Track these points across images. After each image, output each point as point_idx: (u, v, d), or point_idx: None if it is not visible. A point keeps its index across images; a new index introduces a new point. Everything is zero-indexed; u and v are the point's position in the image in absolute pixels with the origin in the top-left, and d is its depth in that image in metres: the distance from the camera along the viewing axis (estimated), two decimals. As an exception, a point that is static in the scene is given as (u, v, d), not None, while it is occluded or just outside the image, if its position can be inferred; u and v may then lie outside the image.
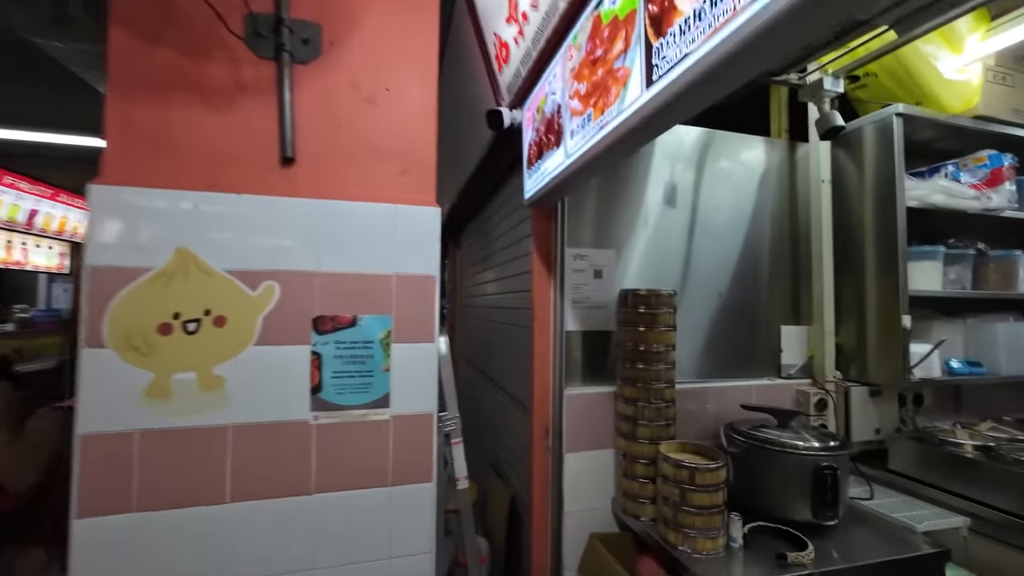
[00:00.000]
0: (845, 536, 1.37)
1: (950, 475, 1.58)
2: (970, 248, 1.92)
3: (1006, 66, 1.84)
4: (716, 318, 1.81)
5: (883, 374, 1.76)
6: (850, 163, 1.88)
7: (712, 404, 1.75)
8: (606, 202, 1.72)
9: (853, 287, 1.86)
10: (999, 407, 2.14)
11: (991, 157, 1.82)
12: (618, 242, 1.72)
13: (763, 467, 1.45)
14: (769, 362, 1.88)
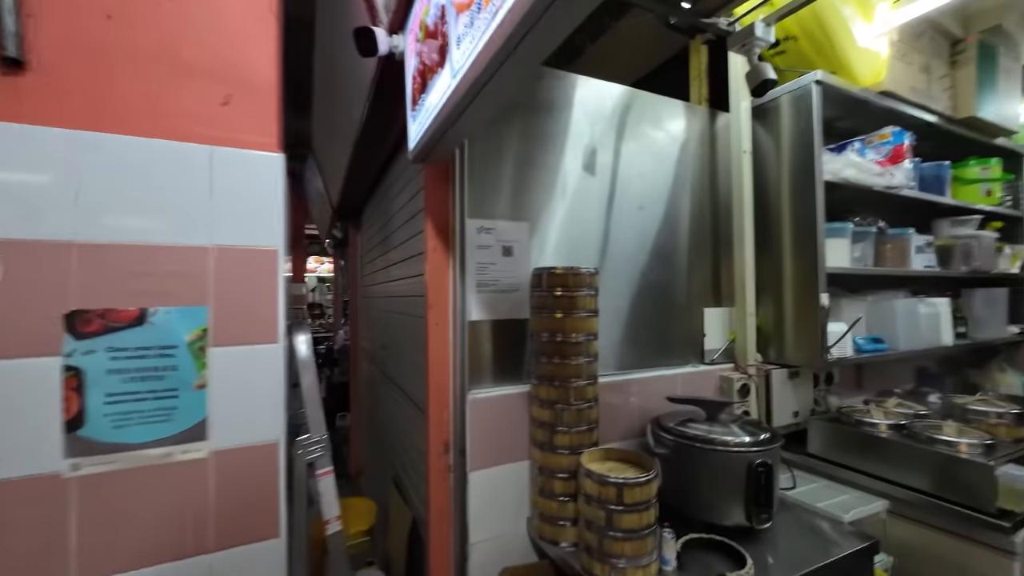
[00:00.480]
0: (779, 538, 1.24)
1: (867, 456, 1.54)
2: (872, 226, 1.92)
3: (907, 43, 1.85)
4: (638, 300, 1.62)
5: (802, 355, 1.69)
6: (768, 137, 1.78)
7: (637, 397, 1.56)
8: (518, 165, 1.43)
9: (771, 265, 1.77)
10: (894, 381, 2.23)
11: (895, 134, 1.82)
12: (532, 213, 1.45)
13: (694, 468, 1.27)
14: (693, 347, 1.73)
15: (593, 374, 1.25)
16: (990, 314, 2.30)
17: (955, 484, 1.34)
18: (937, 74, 1.98)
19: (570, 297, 1.21)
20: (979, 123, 2.08)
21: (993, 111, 2.10)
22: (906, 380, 2.33)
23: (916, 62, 1.89)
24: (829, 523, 1.31)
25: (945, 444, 1.39)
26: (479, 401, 1.30)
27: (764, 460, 1.21)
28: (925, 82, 1.92)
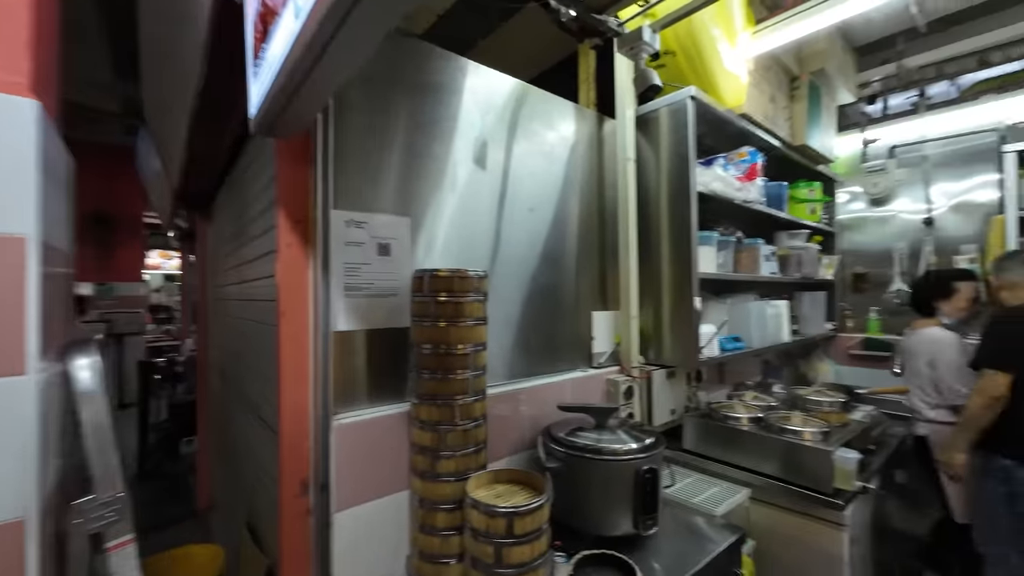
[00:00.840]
0: (663, 543, 1.25)
1: (733, 448, 1.66)
2: (732, 236, 2.12)
3: (759, 74, 2.07)
4: (529, 305, 1.55)
5: (678, 355, 1.78)
6: (648, 147, 1.85)
7: (527, 407, 1.48)
8: (400, 151, 1.24)
9: (651, 270, 1.84)
10: (745, 375, 2.51)
11: (751, 153, 2.03)
12: (417, 208, 1.28)
13: (586, 480, 1.22)
14: (582, 352, 1.72)
15: (481, 389, 1.13)
16: (814, 314, 2.71)
17: (801, 469, 1.50)
18: (780, 104, 2.26)
19: (456, 303, 1.07)
20: (809, 151, 2.44)
21: (818, 142, 2.47)
22: (755, 373, 2.64)
23: (766, 92, 2.13)
24: (704, 519, 1.37)
25: (793, 433, 1.55)
26: (348, 427, 1.09)
27: (651, 466, 1.21)
28: (772, 110, 2.18)
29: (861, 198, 2.98)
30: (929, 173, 2.66)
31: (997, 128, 2.43)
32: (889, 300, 2.77)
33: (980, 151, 2.53)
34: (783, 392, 2.13)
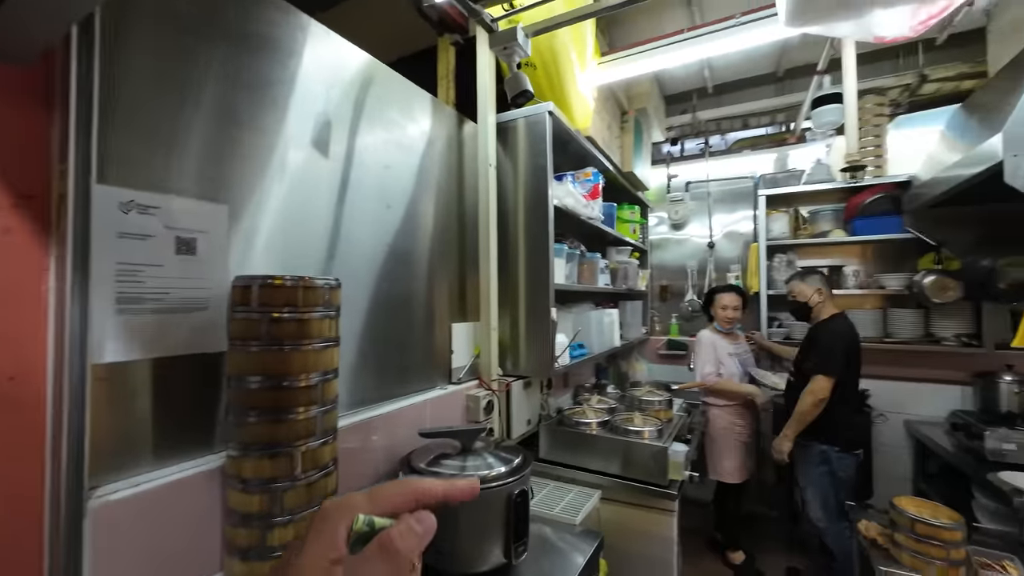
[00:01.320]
0: (530, 566, 1.20)
1: (583, 453, 1.74)
2: (577, 249, 2.26)
3: (600, 102, 2.26)
4: (381, 317, 1.35)
5: (533, 365, 1.79)
6: (506, 156, 1.83)
7: (381, 437, 1.27)
8: (214, 115, 0.93)
9: (508, 280, 1.82)
10: (583, 377, 2.70)
11: (594, 174, 2.19)
12: (235, 192, 0.97)
13: (452, 515, 1.09)
14: (441, 367, 1.58)
15: (332, 427, 0.90)
16: (634, 320, 3.10)
17: (642, 465, 1.64)
18: (614, 133, 2.52)
19: (299, 321, 0.83)
20: (633, 178, 2.78)
21: (639, 171, 2.84)
22: (590, 376, 2.88)
23: (605, 119, 2.34)
24: (566, 530, 1.37)
25: (635, 434, 1.69)
26: (119, 505, 0.74)
27: (522, 489, 1.14)
28: (609, 137, 2.41)
29: (665, 222, 3.56)
30: (711, 206, 3.32)
31: (753, 176, 3.17)
32: (684, 308, 3.35)
33: (742, 193, 3.27)
34: (617, 392, 2.35)
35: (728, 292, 2.64)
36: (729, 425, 2.51)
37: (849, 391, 2.16)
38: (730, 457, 2.47)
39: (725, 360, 2.58)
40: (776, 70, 3.07)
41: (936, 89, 2.60)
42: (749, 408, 2.53)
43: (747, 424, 2.53)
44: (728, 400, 2.53)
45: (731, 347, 2.62)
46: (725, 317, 2.60)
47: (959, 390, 2.54)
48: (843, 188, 2.74)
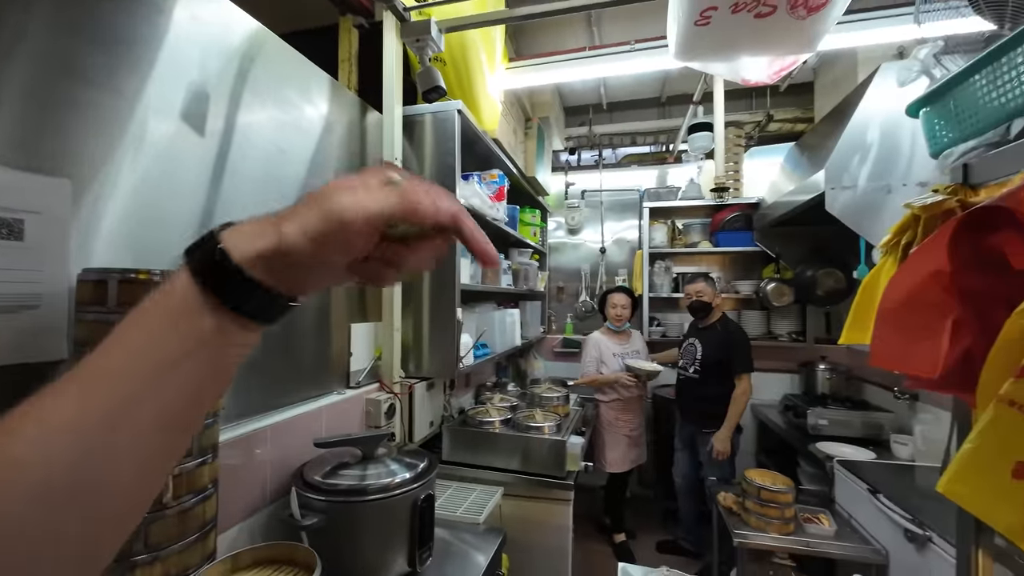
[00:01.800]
0: (434, 571, 1.18)
1: (487, 451, 1.76)
2: (482, 249, 2.28)
3: (507, 107, 2.31)
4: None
5: (437, 366, 1.76)
6: (411, 150, 1.78)
7: (270, 450, 1.15)
8: (47, 68, 0.75)
9: (410, 278, 1.77)
10: (484, 376, 2.73)
11: (500, 176, 2.22)
12: (78, 166, 0.80)
13: (354, 528, 1.03)
14: (338, 370, 1.48)
15: (211, 444, 0.79)
16: (532, 319, 3.22)
17: (542, 460, 1.71)
18: (519, 138, 2.59)
19: (173, 323, 0.71)
20: (535, 183, 2.88)
21: (541, 177, 2.96)
22: (491, 374, 2.92)
23: (511, 124, 2.39)
24: (469, 531, 1.38)
25: (536, 430, 1.76)
26: None
27: (428, 494, 1.12)
28: (514, 142, 2.47)
29: (562, 227, 3.76)
30: (603, 214, 3.59)
31: (639, 189, 3.49)
32: (579, 308, 3.58)
33: (630, 203, 3.59)
34: (518, 390, 2.42)
35: (618, 292, 2.85)
36: (614, 420, 2.72)
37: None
38: (614, 448, 2.69)
39: (608, 360, 2.75)
40: (660, 96, 3.43)
41: (779, 127, 3.14)
42: (632, 404, 2.76)
43: (630, 419, 2.74)
44: (610, 395, 2.73)
45: (617, 347, 2.79)
46: (615, 315, 2.80)
47: (790, 377, 3.09)
48: (710, 205, 3.16)
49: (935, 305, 0.54)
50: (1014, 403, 0.40)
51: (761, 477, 1.84)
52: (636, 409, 2.78)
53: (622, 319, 2.82)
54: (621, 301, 2.82)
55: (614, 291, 2.88)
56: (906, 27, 1.70)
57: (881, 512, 1.63)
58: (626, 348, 2.81)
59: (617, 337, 2.84)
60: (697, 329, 2.67)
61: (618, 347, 2.80)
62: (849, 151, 2.00)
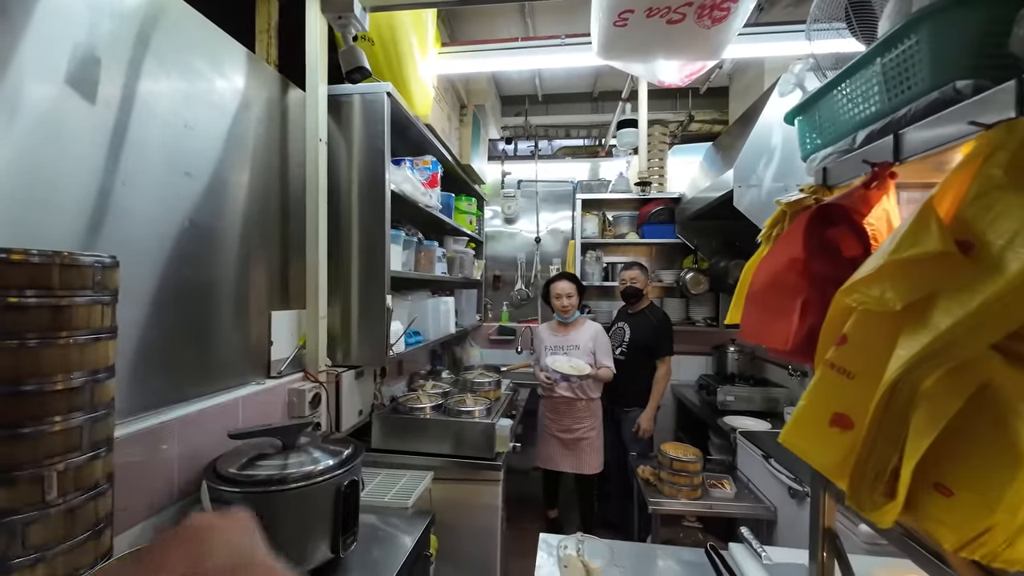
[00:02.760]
0: (360, 556, 1.18)
1: (419, 438, 1.77)
2: (415, 236, 2.26)
3: (440, 92, 2.28)
4: (179, 304, 1.14)
5: (366, 354, 1.74)
6: (338, 132, 1.72)
7: (179, 444, 1.09)
8: None
9: (339, 265, 1.73)
10: (419, 365, 2.72)
11: (433, 163, 2.20)
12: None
13: (276, 517, 1.01)
14: (257, 360, 1.42)
15: (105, 438, 0.74)
16: (468, 308, 3.25)
17: (473, 442, 1.75)
18: (453, 125, 2.57)
19: (55, 307, 0.65)
20: (470, 170, 2.89)
21: (476, 165, 2.96)
22: (426, 362, 2.91)
23: (445, 110, 2.37)
24: (397, 515, 1.39)
25: (467, 414, 1.79)
26: None
27: (351, 479, 1.12)
28: (448, 128, 2.45)
29: (499, 216, 3.79)
30: (539, 204, 3.67)
31: (572, 181, 3.60)
32: (514, 296, 3.65)
33: (563, 195, 3.70)
34: (451, 377, 2.44)
35: (562, 280, 2.58)
36: (542, 416, 2.64)
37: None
38: (545, 445, 2.62)
39: (542, 354, 2.56)
40: (592, 91, 3.54)
41: (699, 128, 3.37)
42: (559, 405, 2.53)
43: (558, 419, 2.53)
44: (544, 391, 2.57)
45: (554, 339, 2.57)
46: (560, 306, 2.55)
47: (705, 359, 3.37)
48: (638, 199, 3.34)
49: (790, 287, 0.63)
50: (834, 366, 0.49)
51: (674, 450, 2.01)
52: (566, 411, 2.49)
53: (568, 310, 2.54)
54: (566, 290, 2.54)
55: (557, 279, 2.60)
56: (800, 43, 1.89)
57: (772, 475, 1.85)
58: (564, 342, 2.54)
59: (562, 330, 2.60)
60: (627, 314, 2.78)
61: (555, 340, 2.58)
62: (755, 153, 2.20)
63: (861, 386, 0.47)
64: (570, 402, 2.49)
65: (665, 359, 2.61)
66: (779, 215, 0.75)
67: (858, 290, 0.48)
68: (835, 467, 0.48)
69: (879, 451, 0.43)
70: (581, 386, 2.48)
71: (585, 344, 2.51)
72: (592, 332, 2.55)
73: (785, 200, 0.71)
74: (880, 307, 0.45)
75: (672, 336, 2.68)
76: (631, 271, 2.76)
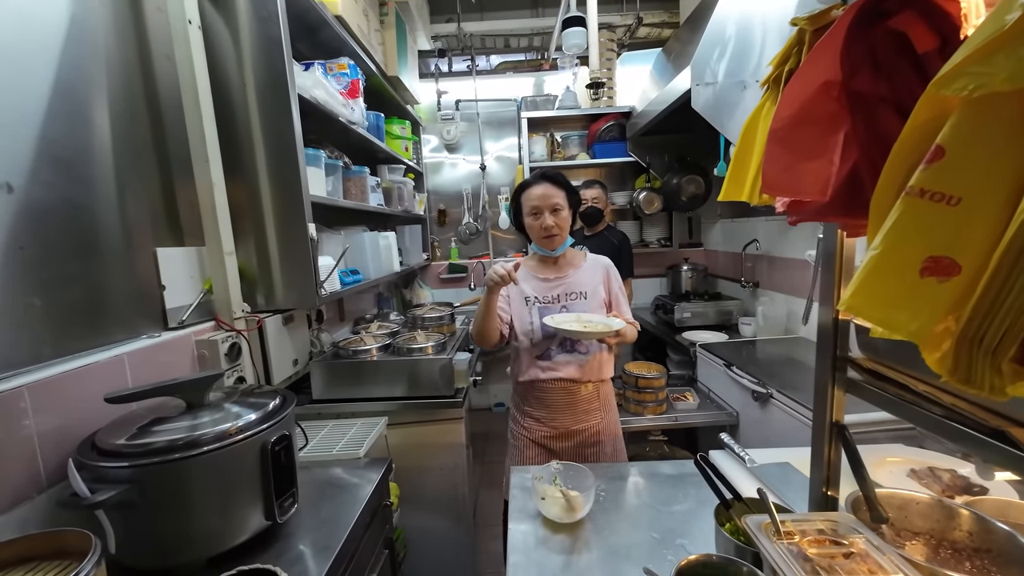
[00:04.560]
0: (306, 518, 1.02)
1: (367, 382, 1.58)
2: (339, 160, 1.94)
3: (352, -23, 1.87)
4: (14, 241, 0.85)
5: (294, 295, 1.49)
6: (218, 15, 1.34)
7: (40, 416, 0.84)
8: None
9: (246, 190, 1.42)
10: (364, 308, 2.48)
11: (351, 67, 1.84)
12: None
13: (181, 491, 0.81)
14: (146, 308, 1.14)
15: None
16: (413, 246, 2.98)
17: (431, 381, 1.59)
18: (373, 26, 2.17)
19: None
20: (399, 84, 2.51)
21: (407, 80, 2.58)
22: (372, 307, 2.68)
23: (361, 2, 1.97)
24: (348, 466, 1.23)
25: (419, 351, 1.62)
26: None
27: (283, 433, 0.93)
28: (366, 27, 2.06)
29: (439, 146, 3.45)
30: (481, 129, 3.35)
31: (516, 100, 3.29)
32: (463, 231, 3.41)
33: (508, 119, 3.39)
34: (401, 318, 2.24)
35: (538, 184, 1.38)
36: (515, 414, 1.49)
37: None
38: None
39: (518, 309, 1.41)
40: (532, -8, 3.16)
41: (648, 33, 3.12)
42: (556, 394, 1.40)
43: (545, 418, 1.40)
44: (523, 366, 1.46)
45: (545, 287, 1.42)
46: (541, 228, 1.37)
47: (659, 280, 3.36)
48: (587, 116, 3.11)
49: (826, 119, 0.48)
50: (924, 192, 0.34)
51: (638, 368, 1.97)
52: (564, 403, 1.40)
53: (555, 235, 1.37)
54: (548, 200, 1.35)
55: (532, 183, 1.40)
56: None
57: (733, 381, 1.86)
58: (559, 289, 1.42)
59: (552, 269, 1.45)
60: (585, 237, 2.60)
61: (544, 288, 1.42)
62: (711, 47, 2.02)
63: (973, 213, 0.33)
64: (571, 388, 1.39)
65: (627, 280, 2.52)
66: (791, 44, 0.57)
67: (968, 71, 0.32)
68: (930, 331, 0.34)
69: (1015, 297, 0.29)
70: (593, 360, 1.40)
71: (595, 289, 1.43)
72: (602, 269, 1.48)
73: (805, 15, 0.54)
74: (1015, 82, 0.29)
75: (632, 256, 2.59)
76: (592, 190, 2.57)
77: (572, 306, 1.41)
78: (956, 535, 0.66)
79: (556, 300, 1.41)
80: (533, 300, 1.41)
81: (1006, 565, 0.60)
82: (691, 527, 0.95)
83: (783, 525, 0.62)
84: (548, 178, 1.40)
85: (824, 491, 0.75)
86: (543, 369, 1.39)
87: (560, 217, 1.37)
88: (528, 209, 1.39)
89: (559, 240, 1.40)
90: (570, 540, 0.93)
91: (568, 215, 1.40)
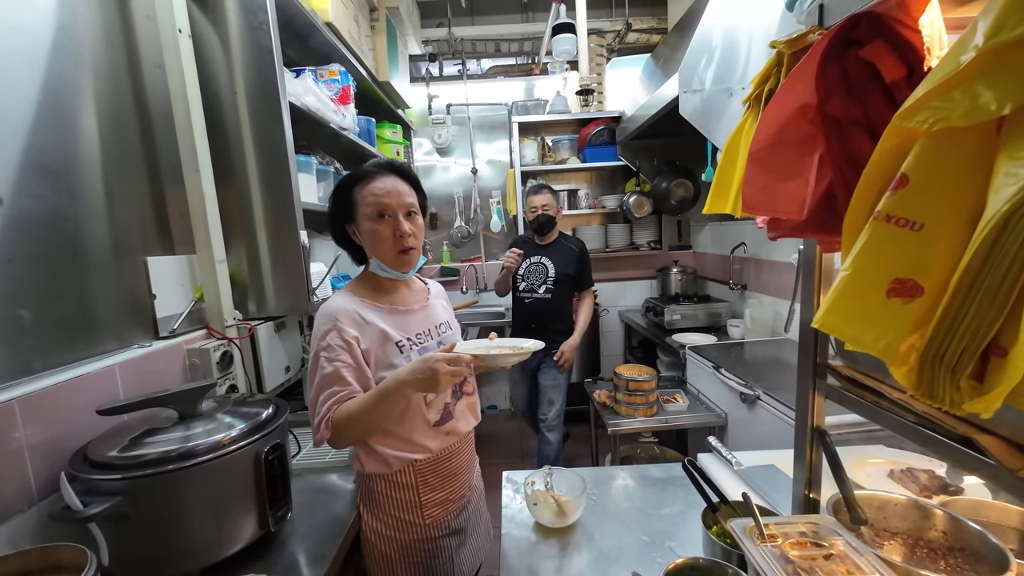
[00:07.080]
0: (299, 526, 1.02)
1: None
2: (331, 166, 1.94)
3: (342, -16, 1.88)
4: (11, 257, 0.84)
5: (286, 302, 1.49)
6: (209, 25, 1.34)
7: (30, 429, 0.83)
8: None
9: (236, 198, 1.42)
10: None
11: (342, 74, 1.85)
12: None
13: (176, 503, 0.81)
14: (137, 318, 1.14)
15: None
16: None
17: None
18: (363, 32, 2.18)
19: None
20: (390, 89, 2.52)
21: (398, 84, 2.59)
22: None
23: (351, 8, 1.98)
24: (341, 474, 1.23)
25: (412, 356, 1.62)
26: None
27: (276, 443, 0.93)
28: (356, 33, 2.06)
29: (431, 150, 3.45)
30: (472, 133, 3.36)
31: (507, 104, 3.31)
32: (455, 235, 3.41)
33: (499, 122, 3.40)
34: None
35: (384, 176, 1.06)
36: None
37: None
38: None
39: (384, 369, 1.03)
40: (522, -4, 3.18)
41: (637, 39, 3.15)
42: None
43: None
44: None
45: (398, 328, 1.06)
46: (394, 239, 1.10)
47: (649, 283, 3.40)
48: (578, 120, 3.14)
49: (802, 141, 0.50)
50: (891, 217, 0.36)
51: (628, 371, 1.99)
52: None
53: (411, 249, 1.06)
54: (401, 200, 1.03)
55: (372, 175, 1.04)
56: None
57: (721, 383, 1.89)
58: (425, 322, 1.12)
59: (396, 295, 1.13)
60: (539, 247, 2.38)
61: (404, 322, 1.08)
62: (698, 55, 2.05)
63: (935, 238, 0.35)
64: (470, 438, 1.16)
65: (588, 291, 2.40)
66: (771, 65, 0.59)
67: (929, 105, 0.34)
68: (896, 348, 0.36)
69: (971, 318, 0.31)
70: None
71: (450, 312, 1.24)
72: (436, 289, 1.28)
73: (783, 39, 0.56)
74: (971, 118, 0.31)
75: (591, 266, 2.43)
76: (541, 196, 2.31)
77: (446, 339, 1.10)
78: (931, 535, 0.69)
79: (429, 335, 1.07)
80: (406, 342, 1.01)
81: (977, 563, 0.63)
82: (680, 529, 0.97)
83: (767, 528, 0.64)
84: (397, 171, 1.06)
85: (807, 493, 0.77)
86: (447, 433, 1.04)
87: (417, 225, 1.05)
88: (370, 210, 0.99)
89: (416, 256, 1.06)
90: (561, 544, 0.95)
91: (423, 224, 1.10)
